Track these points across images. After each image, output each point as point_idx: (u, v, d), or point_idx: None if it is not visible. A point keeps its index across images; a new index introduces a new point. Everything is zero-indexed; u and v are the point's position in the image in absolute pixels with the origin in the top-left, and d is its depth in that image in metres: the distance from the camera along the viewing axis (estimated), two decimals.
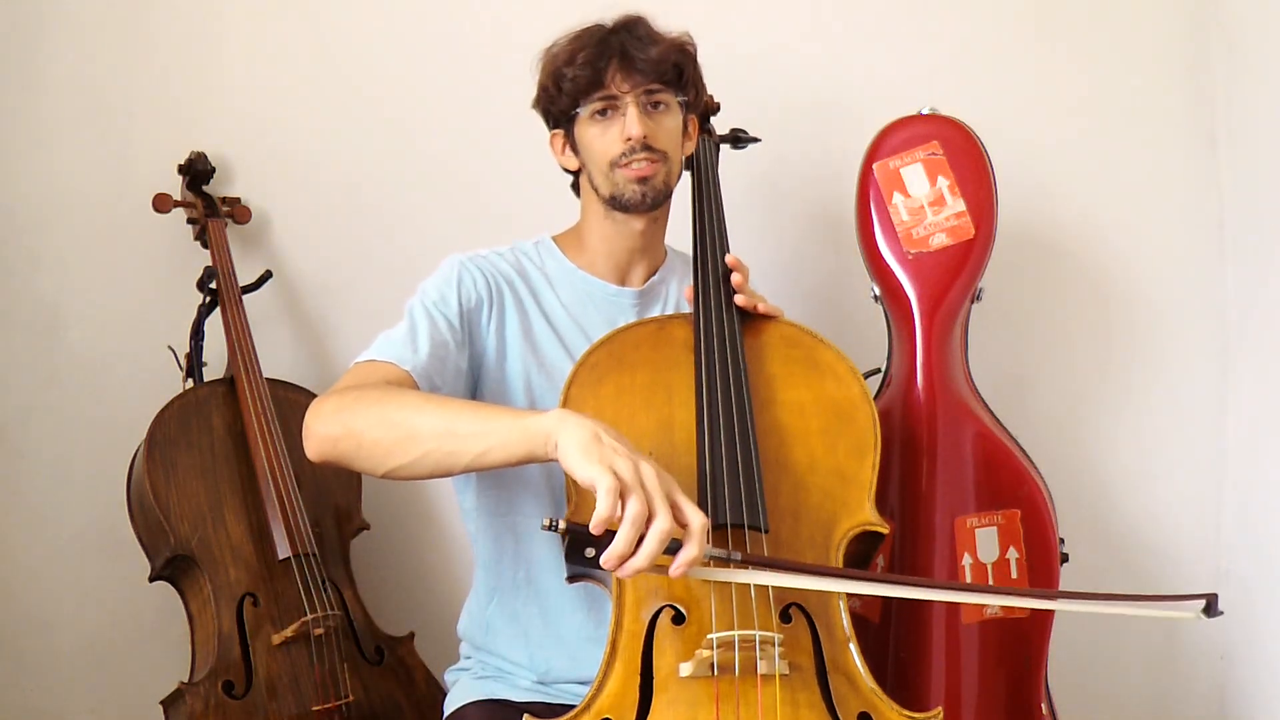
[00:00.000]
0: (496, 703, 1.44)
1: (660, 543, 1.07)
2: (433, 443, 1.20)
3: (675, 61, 1.48)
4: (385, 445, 1.22)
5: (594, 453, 1.09)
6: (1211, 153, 2.16)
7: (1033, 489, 1.76)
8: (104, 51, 2.03)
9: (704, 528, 1.10)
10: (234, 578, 1.73)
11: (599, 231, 1.53)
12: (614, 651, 1.18)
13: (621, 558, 1.07)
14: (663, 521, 1.07)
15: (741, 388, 1.34)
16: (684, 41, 1.50)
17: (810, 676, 1.17)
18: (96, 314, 2.03)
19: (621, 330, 1.42)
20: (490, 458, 1.17)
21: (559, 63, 1.46)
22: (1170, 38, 2.16)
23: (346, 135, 2.09)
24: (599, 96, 1.45)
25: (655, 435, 1.31)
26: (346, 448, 1.24)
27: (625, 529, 1.06)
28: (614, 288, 1.54)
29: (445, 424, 1.20)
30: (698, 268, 1.49)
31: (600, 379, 1.35)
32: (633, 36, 1.45)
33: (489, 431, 1.17)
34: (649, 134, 1.44)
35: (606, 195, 1.47)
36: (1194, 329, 2.17)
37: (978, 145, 1.82)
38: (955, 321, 1.80)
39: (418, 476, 1.24)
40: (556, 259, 1.56)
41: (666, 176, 1.48)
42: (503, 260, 1.52)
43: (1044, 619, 1.75)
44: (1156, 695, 2.19)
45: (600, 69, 1.44)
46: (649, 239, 1.54)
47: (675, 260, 1.62)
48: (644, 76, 1.45)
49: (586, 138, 1.48)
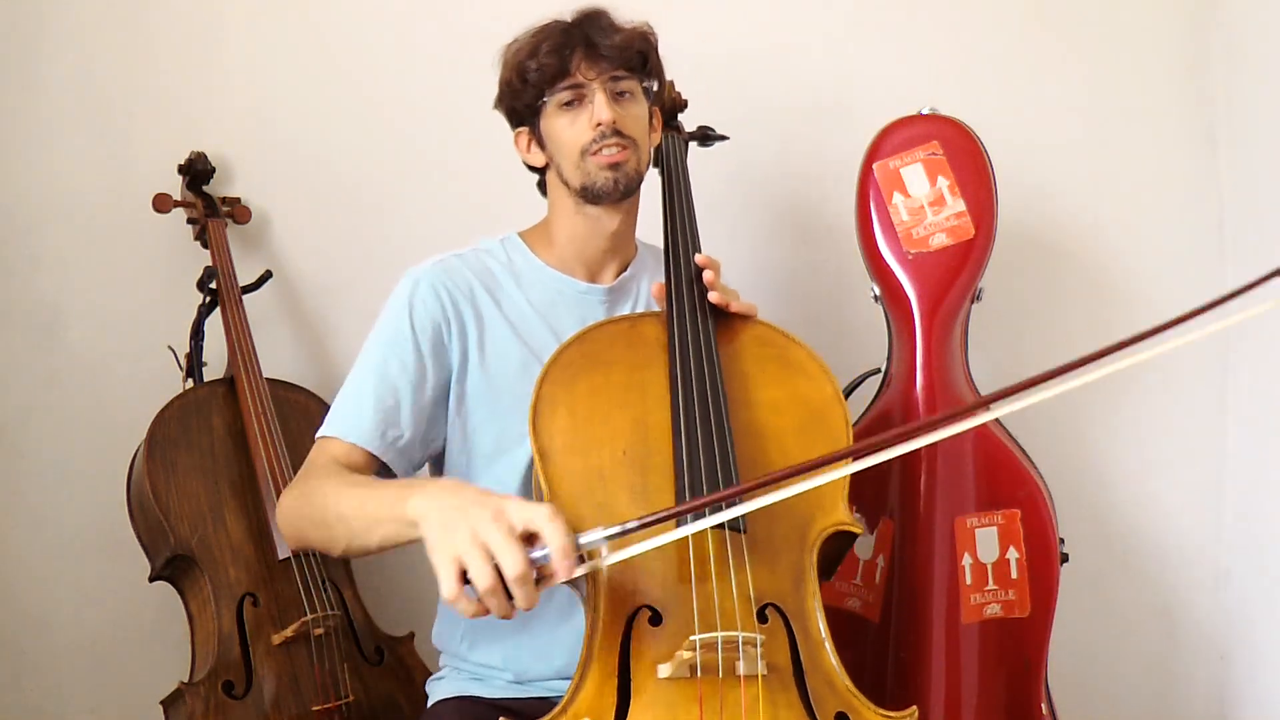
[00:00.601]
0: (470, 700, 1.43)
1: (522, 583, 1.05)
2: (346, 537, 1.28)
3: (639, 49, 1.48)
4: (322, 542, 1.34)
5: (441, 543, 1.08)
6: (1211, 153, 2.16)
7: (1033, 489, 1.76)
8: (104, 51, 2.04)
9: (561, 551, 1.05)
10: (234, 578, 1.73)
11: (568, 229, 1.52)
12: (590, 653, 1.17)
13: (506, 614, 1.07)
14: (511, 568, 1.04)
15: (717, 387, 1.33)
16: (646, 30, 1.50)
17: (788, 677, 1.18)
18: (96, 314, 2.03)
19: (594, 328, 1.41)
20: (389, 542, 1.22)
21: (522, 56, 1.46)
22: (1170, 38, 2.17)
23: (346, 135, 2.10)
24: (565, 85, 1.44)
25: (629, 434, 1.30)
26: (303, 544, 1.41)
27: (488, 600, 1.06)
28: (583, 285, 1.53)
29: (349, 513, 1.26)
30: (669, 266, 1.49)
31: (573, 378, 1.34)
32: (596, 26, 1.45)
33: (378, 519, 1.22)
34: (618, 120, 1.44)
35: (578, 186, 1.46)
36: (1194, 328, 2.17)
37: (978, 145, 1.82)
38: (955, 321, 1.80)
39: (361, 555, 1.31)
40: (524, 256, 1.55)
41: (637, 164, 1.48)
42: (463, 265, 1.50)
43: (1044, 619, 1.75)
44: (1156, 695, 2.19)
45: (566, 57, 1.44)
46: (620, 236, 1.53)
47: (646, 255, 1.61)
48: (610, 63, 1.45)
49: (554, 129, 1.47)
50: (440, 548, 1.08)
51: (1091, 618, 2.13)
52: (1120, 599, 2.18)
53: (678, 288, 1.45)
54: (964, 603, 1.73)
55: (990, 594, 1.75)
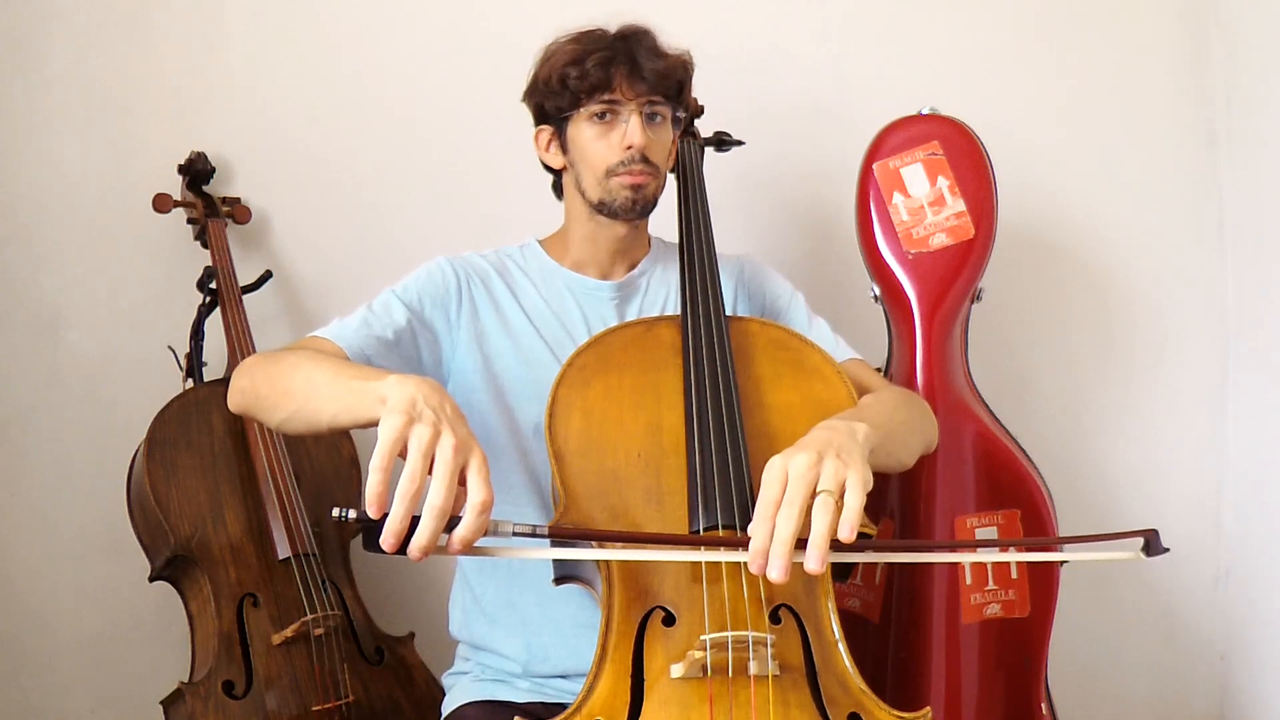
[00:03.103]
0: (495, 703, 1.44)
1: (437, 519, 1.01)
2: (300, 400, 1.20)
3: (679, 79, 1.51)
4: (270, 400, 1.25)
5: (397, 421, 1.03)
6: (1211, 152, 2.16)
7: (1033, 489, 1.76)
8: (104, 51, 2.04)
9: (479, 506, 1.03)
10: (234, 578, 1.73)
11: (582, 231, 1.55)
12: (604, 653, 1.18)
13: (398, 536, 1.02)
14: (436, 498, 1.01)
15: (730, 390, 1.35)
16: (687, 60, 1.53)
17: (800, 677, 1.18)
18: (96, 314, 2.03)
19: (609, 332, 1.43)
20: (341, 419, 1.16)
21: (565, 60, 1.47)
22: (1170, 38, 2.17)
23: (347, 135, 2.10)
24: (603, 99, 1.46)
25: (644, 437, 1.32)
26: (247, 400, 1.30)
27: (396, 505, 1.01)
28: (593, 281, 1.56)
29: (317, 383, 1.19)
30: (684, 270, 1.50)
31: (588, 381, 1.36)
32: (642, 46, 1.47)
33: (341, 393, 1.16)
34: (648, 146, 1.47)
35: (595, 200, 1.50)
36: (1194, 328, 2.17)
37: (978, 145, 1.82)
38: (955, 321, 1.80)
39: (302, 433, 1.28)
40: (540, 259, 1.58)
41: (656, 189, 1.51)
42: (483, 260, 1.56)
43: (1044, 619, 1.75)
44: (1156, 695, 2.19)
45: (610, 73, 1.46)
46: (631, 239, 1.56)
47: (659, 250, 1.63)
48: (649, 87, 1.47)
49: (582, 139, 1.49)
50: (395, 423, 1.03)
51: (1091, 618, 2.13)
52: (1120, 599, 2.18)
53: (692, 291, 1.46)
54: (964, 603, 1.74)
55: (990, 594, 1.75)
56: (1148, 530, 1.13)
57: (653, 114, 1.49)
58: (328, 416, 1.17)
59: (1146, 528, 1.13)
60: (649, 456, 1.29)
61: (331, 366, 1.21)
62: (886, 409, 1.35)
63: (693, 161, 1.67)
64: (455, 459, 1.04)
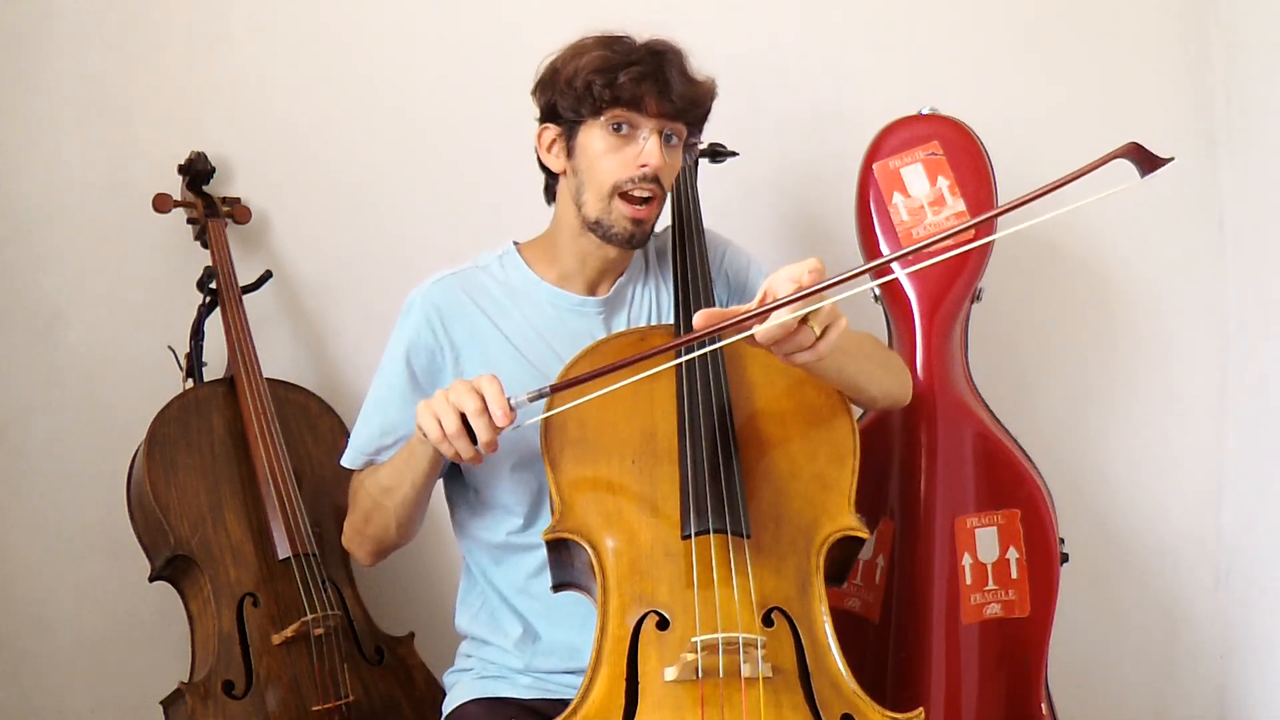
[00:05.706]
0: (496, 700, 1.44)
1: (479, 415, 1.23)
2: (392, 501, 1.44)
3: (706, 108, 1.48)
4: (382, 524, 1.48)
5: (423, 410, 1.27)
6: (1211, 152, 2.16)
7: (1033, 489, 1.76)
8: (105, 51, 2.03)
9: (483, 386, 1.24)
10: (234, 578, 1.73)
11: (571, 245, 1.50)
12: (599, 657, 1.20)
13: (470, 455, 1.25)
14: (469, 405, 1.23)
15: (723, 397, 1.36)
16: (713, 88, 1.48)
17: (793, 679, 1.19)
18: (96, 314, 2.03)
19: (604, 341, 1.44)
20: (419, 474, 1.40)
21: (594, 65, 1.41)
22: (1170, 38, 2.16)
23: (347, 135, 2.09)
24: (626, 114, 1.41)
25: (638, 444, 1.34)
26: (377, 550, 1.53)
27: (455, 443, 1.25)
28: (577, 298, 1.52)
29: (385, 481, 1.45)
30: (678, 280, 1.51)
31: (582, 390, 1.35)
32: (674, 68, 1.42)
33: (405, 461, 1.41)
34: (662, 169, 1.42)
35: (592, 218, 1.44)
36: (1194, 328, 2.17)
37: (978, 145, 1.82)
38: (955, 321, 1.80)
39: (411, 521, 1.48)
40: (521, 272, 1.53)
41: (656, 217, 1.48)
42: (457, 285, 1.50)
43: (1044, 619, 1.76)
44: (1156, 695, 2.19)
45: (639, 88, 1.40)
46: (621, 259, 1.52)
47: (639, 255, 1.58)
48: (674, 110, 1.42)
49: (593, 148, 1.43)
50: (422, 412, 1.27)
51: (1091, 618, 2.13)
52: (1120, 599, 2.18)
53: (685, 301, 1.47)
54: (964, 603, 1.74)
55: (990, 594, 1.75)
56: (1126, 146, 0.97)
57: (669, 135, 1.44)
58: (411, 492, 1.41)
59: (1120, 145, 0.96)
60: (643, 464, 1.32)
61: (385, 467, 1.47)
62: (858, 336, 1.42)
63: (686, 173, 1.66)
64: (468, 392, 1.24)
